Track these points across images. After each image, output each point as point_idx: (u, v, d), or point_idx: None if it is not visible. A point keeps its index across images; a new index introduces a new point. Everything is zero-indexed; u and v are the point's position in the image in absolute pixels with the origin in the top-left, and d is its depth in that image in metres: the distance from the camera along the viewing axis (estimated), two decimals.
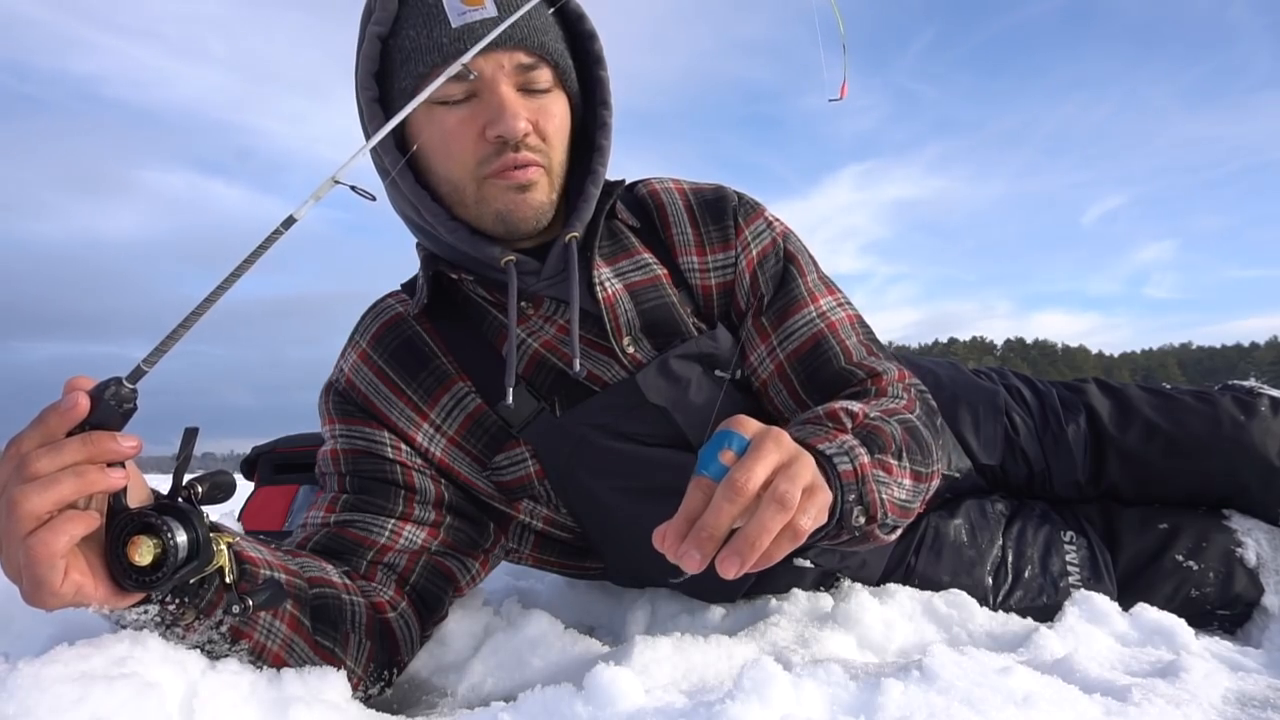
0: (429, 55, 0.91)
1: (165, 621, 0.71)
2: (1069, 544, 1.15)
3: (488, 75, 0.92)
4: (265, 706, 0.69)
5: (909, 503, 0.86)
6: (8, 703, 0.58)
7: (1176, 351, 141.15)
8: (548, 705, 0.71)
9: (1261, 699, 0.79)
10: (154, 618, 0.70)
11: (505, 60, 0.92)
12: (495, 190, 0.94)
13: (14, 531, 0.59)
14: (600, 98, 1.02)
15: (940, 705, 0.67)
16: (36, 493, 0.58)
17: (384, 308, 1.09)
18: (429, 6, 0.92)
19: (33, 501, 0.58)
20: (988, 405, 1.27)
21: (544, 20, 0.96)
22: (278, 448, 1.84)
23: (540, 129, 0.94)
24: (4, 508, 0.59)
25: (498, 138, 0.91)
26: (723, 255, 1.07)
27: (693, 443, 1.02)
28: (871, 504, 0.79)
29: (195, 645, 0.74)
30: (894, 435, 0.86)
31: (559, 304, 0.99)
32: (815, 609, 1.06)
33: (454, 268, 1.02)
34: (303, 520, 1.00)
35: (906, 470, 0.86)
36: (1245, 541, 1.14)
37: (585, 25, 1.00)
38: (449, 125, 0.93)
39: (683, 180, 1.14)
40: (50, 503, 0.59)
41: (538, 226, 0.98)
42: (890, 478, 0.83)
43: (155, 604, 0.69)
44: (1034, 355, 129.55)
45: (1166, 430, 1.21)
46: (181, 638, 0.72)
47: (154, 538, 0.63)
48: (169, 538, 0.64)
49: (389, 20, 0.94)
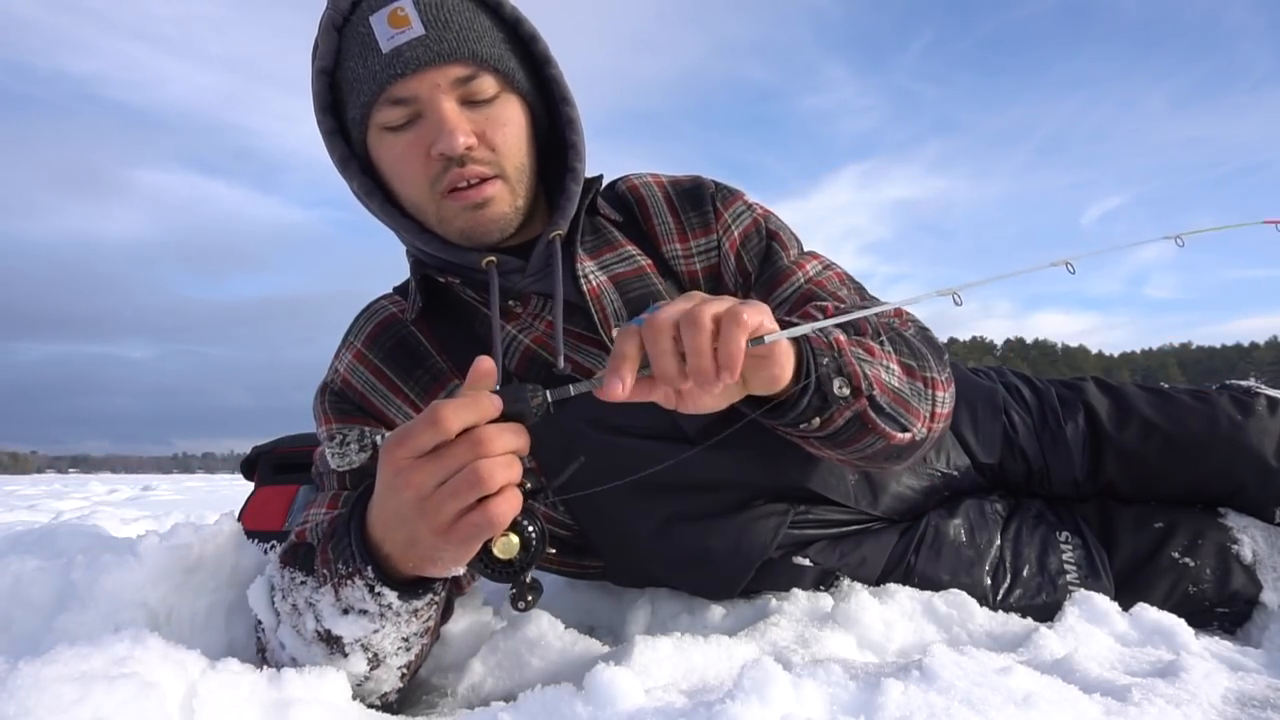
0: (367, 85, 0.93)
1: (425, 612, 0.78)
2: (1065, 544, 1.15)
3: (424, 95, 0.92)
4: (265, 706, 0.69)
5: (904, 393, 0.86)
6: (8, 703, 0.58)
7: (1176, 351, 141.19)
8: (548, 705, 0.71)
9: (1261, 699, 0.79)
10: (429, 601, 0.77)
11: (439, 78, 0.92)
12: (452, 210, 0.96)
13: (468, 495, 0.65)
14: (560, 96, 1.02)
15: (940, 705, 0.67)
16: (502, 469, 0.65)
17: (377, 309, 1.10)
18: (363, 36, 0.93)
19: (498, 476, 0.65)
20: (986, 404, 1.28)
21: (478, 28, 0.95)
22: (278, 448, 1.84)
23: (488, 139, 0.94)
24: (463, 476, 0.65)
25: (440, 155, 0.92)
26: (705, 240, 1.08)
27: (687, 432, 1.03)
28: (853, 374, 0.79)
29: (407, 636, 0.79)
30: (874, 327, 0.87)
31: (546, 300, 1.00)
32: (815, 609, 1.06)
33: (441, 272, 1.03)
34: (302, 519, 1.00)
35: (893, 357, 0.87)
36: (1241, 538, 1.15)
37: (524, 29, 1.00)
38: (398, 151, 0.94)
39: (661, 174, 1.15)
40: (506, 479, 0.66)
41: (504, 236, 0.99)
42: (873, 359, 0.83)
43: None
44: (1034, 355, 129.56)
45: (1164, 429, 1.21)
46: (408, 624, 0.77)
47: (517, 534, 0.67)
48: (530, 535, 0.68)
49: (331, 54, 0.96)
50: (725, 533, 1.07)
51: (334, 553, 0.75)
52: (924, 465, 1.20)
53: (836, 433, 0.82)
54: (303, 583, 0.79)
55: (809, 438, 0.85)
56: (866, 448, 0.86)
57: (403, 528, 0.69)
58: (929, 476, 1.20)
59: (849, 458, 0.88)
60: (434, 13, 0.92)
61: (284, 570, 0.82)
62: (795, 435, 0.85)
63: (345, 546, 0.74)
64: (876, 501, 1.15)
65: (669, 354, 0.65)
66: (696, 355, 0.64)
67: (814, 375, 0.76)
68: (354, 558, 0.73)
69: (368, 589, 0.73)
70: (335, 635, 0.76)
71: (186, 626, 0.93)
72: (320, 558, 0.78)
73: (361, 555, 0.72)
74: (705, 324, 0.64)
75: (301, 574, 0.79)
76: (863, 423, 0.82)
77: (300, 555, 0.82)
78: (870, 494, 1.15)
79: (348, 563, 0.73)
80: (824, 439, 0.84)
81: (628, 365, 0.66)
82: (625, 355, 0.66)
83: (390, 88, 0.91)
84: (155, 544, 0.94)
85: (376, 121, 0.94)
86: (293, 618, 0.79)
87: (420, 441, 0.66)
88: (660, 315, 0.66)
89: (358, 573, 0.73)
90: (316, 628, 0.77)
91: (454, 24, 0.93)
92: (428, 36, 0.91)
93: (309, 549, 0.82)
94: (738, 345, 0.64)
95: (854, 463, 0.90)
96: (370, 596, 0.73)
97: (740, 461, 1.06)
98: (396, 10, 0.91)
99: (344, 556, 0.74)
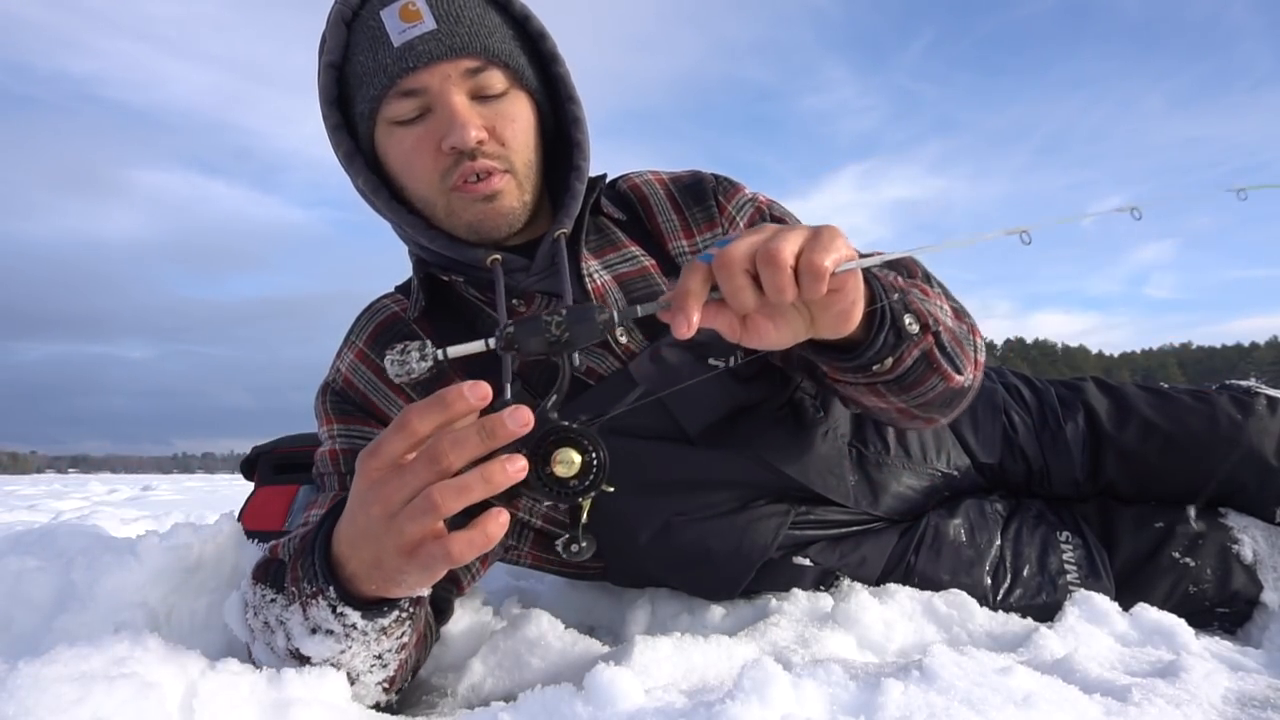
0: (377, 78, 0.92)
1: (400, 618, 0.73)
2: (1065, 544, 1.15)
3: (435, 88, 0.92)
4: (265, 707, 0.69)
5: (957, 334, 0.86)
6: (8, 703, 0.58)
7: (1176, 351, 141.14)
8: (548, 705, 0.71)
9: (1261, 699, 0.79)
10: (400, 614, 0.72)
11: (450, 70, 0.92)
12: (462, 203, 0.95)
13: (423, 520, 0.59)
14: (566, 94, 1.02)
15: (940, 705, 0.67)
16: (455, 494, 0.59)
17: (379, 308, 1.10)
18: (373, 30, 0.93)
19: (450, 501, 0.59)
20: (985, 404, 1.28)
21: (489, 24, 0.96)
22: (278, 448, 1.84)
23: (498, 134, 0.95)
24: (418, 500, 0.59)
25: (452, 149, 0.92)
26: (710, 234, 1.08)
27: (688, 432, 1.03)
28: (919, 312, 0.78)
29: (387, 647, 0.75)
30: (924, 271, 0.88)
31: (550, 299, 1.00)
32: (815, 609, 1.06)
33: (444, 270, 1.02)
34: (303, 519, 1.00)
35: (944, 299, 0.87)
36: (1241, 538, 1.14)
37: (533, 25, 1.00)
38: (408, 145, 0.94)
39: (660, 171, 1.15)
40: (463, 500, 0.59)
41: (511, 231, 0.99)
42: (928, 299, 0.83)
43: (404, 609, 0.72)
44: (1034, 355, 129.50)
45: (1164, 429, 1.21)
46: (388, 633, 0.73)
47: (576, 450, 0.63)
48: (591, 458, 0.63)
49: (340, 48, 0.96)
50: (725, 534, 1.07)
51: (302, 570, 0.72)
52: (924, 465, 1.20)
53: (905, 374, 0.81)
54: (273, 600, 0.76)
55: (876, 383, 0.83)
56: (929, 390, 0.85)
57: (368, 546, 0.65)
58: (929, 476, 1.20)
59: (909, 404, 0.86)
60: (445, 8, 0.93)
61: (255, 586, 0.79)
62: (863, 381, 0.84)
63: (310, 564, 0.71)
64: (877, 502, 1.15)
65: (745, 289, 0.63)
66: (777, 293, 0.62)
67: (889, 310, 0.74)
68: (316, 576, 0.70)
69: (330, 609, 0.69)
70: (304, 655, 0.73)
71: (186, 626, 0.93)
72: (290, 574, 0.75)
73: (324, 574, 0.69)
74: (785, 261, 0.62)
75: (272, 591, 0.77)
76: (929, 361, 0.81)
77: (272, 572, 0.79)
78: (871, 494, 1.15)
79: (312, 581, 0.70)
80: (891, 383, 0.82)
81: (694, 301, 0.64)
82: (691, 291, 0.64)
83: (402, 80, 0.91)
84: (155, 544, 0.94)
85: (386, 115, 0.94)
86: (265, 635, 0.77)
87: (391, 449, 0.62)
88: (732, 251, 0.63)
89: (320, 592, 0.69)
90: (288, 646, 0.74)
91: (465, 19, 0.93)
92: (439, 31, 0.92)
93: (280, 565, 0.79)
94: (821, 279, 0.61)
95: (912, 411, 0.89)
96: (333, 617, 0.70)
97: (740, 462, 1.07)
98: (408, 5, 0.91)
99: (309, 575, 0.71)
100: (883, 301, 0.74)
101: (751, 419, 1.08)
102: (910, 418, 0.93)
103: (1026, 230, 0.64)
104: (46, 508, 4.67)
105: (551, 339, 0.64)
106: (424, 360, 0.66)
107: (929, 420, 0.95)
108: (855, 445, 1.18)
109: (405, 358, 0.67)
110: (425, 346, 0.67)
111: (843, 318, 0.70)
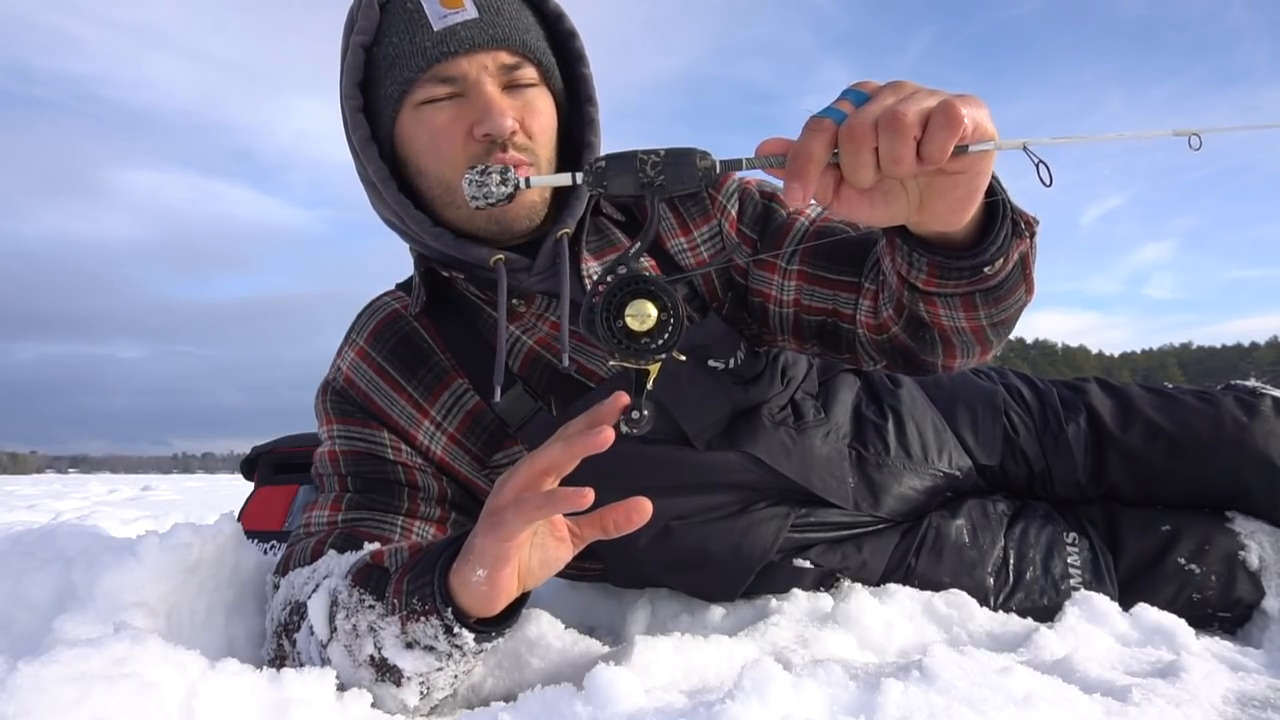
0: (413, 60, 0.92)
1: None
2: (1071, 545, 1.14)
3: (472, 76, 0.92)
4: (265, 706, 0.69)
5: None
6: (8, 703, 0.57)
7: (1177, 351, 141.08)
8: (548, 705, 0.71)
9: (1261, 699, 0.79)
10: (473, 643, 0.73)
11: (488, 60, 0.92)
12: None
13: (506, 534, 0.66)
14: (585, 95, 1.02)
15: (940, 705, 0.67)
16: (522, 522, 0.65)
17: (380, 305, 1.10)
18: (410, 12, 0.93)
19: (513, 529, 0.66)
20: (986, 405, 1.27)
21: (525, 20, 0.96)
22: (277, 448, 1.85)
23: (526, 127, 0.95)
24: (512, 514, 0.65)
25: (485, 136, 0.91)
26: (706, 228, 1.08)
27: (688, 435, 1.03)
28: (1018, 212, 0.73)
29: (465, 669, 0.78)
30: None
31: (550, 300, 1.00)
32: (815, 609, 1.06)
33: (445, 267, 1.02)
34: (303, 520, 1.00)
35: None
36: (1248, 544, 1.13)
37: (565, 24, 1.01)
38: (438, 124, 0.93)
39: None
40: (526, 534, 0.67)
41: (530, 225, 0.98)
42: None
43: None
44: (1034, 355, 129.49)
45: (1168, 430, 1.20)
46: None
47: (654, 304, 0.59)
48: (669, 307, 0.59)
49: (372, 29, 0.95)
50: (726, 536, 1.07)
51: (410, 585, 0.73)
52: (925, 465, 1.20)
53: (1003, 281, 0.76)
54: (370, 606, 0.76)
55: (976, 291, 0.77)
56: (1013, 304, 0.81)
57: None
58: (931, 477, 1.20)
59: (989, 320, 0.81)
60: None
61: (354, 589, 0.78)
62: (962, 290, 0.77)
63: (426, 584, 0.72)
64: (878, 503, 1.15)
65: (869, 166, 0.57)
66: (893, 164, 0.56)
67: (1007, 202, 0.68)
68: (433, 597, 0.71)
69: (444, 629, 0.71)
70: (393, 665, 0.74)
71: (186, 626, 0.93)
72: (394, 586, 0.75)
73: (442, 597, 0.71)
74: (910, 130, 0.55)
75: (371, 597, 0.76)
76: (1023, 268, 0.77)
77: (374, 578, 0.78)
78: (871, 496, 1.15)
79: (425, 600, 0.71)
80: (988, 291, 0.77)
81: (815, 169, 0.58)
82: (812, 157, 0.57)
83: (440, 64, 0.91)
84: (155, 544, 0.94)
85: (415, 97, 0.93)
86: (349, 638, 0.77)
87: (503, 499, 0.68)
88: (865, 119, 0.56)
89: (435, 612, 0.71)
90: (373, 653, 0.75)
91: (506, 12, 0.94)
92: (482, 20, 0.92)
93: (383, 573, 0.79)
94: (943, 151, 0.55)
95: (987, 332, 0.84)
96: (444, 635, 0.71)
97: (740, 465, 1.06)
98: None
99: (422, 593, 0.72)
100: (1003, 193, 0.67)
101: (751, 421, 1.08)
102: (981, 339, 0.86)
103: (1197, 133, 0.59)
104: (46, 508, 4.67)
105: (644, 180, 0.60)
106: (504, 185, 0.64)
107: (985, 349, 0.88)
108: (855, 447, 1.18)
109: (485, 179, 0.64)
110: (508, 171, 0.65)
111: (959, 205, 0.63)
